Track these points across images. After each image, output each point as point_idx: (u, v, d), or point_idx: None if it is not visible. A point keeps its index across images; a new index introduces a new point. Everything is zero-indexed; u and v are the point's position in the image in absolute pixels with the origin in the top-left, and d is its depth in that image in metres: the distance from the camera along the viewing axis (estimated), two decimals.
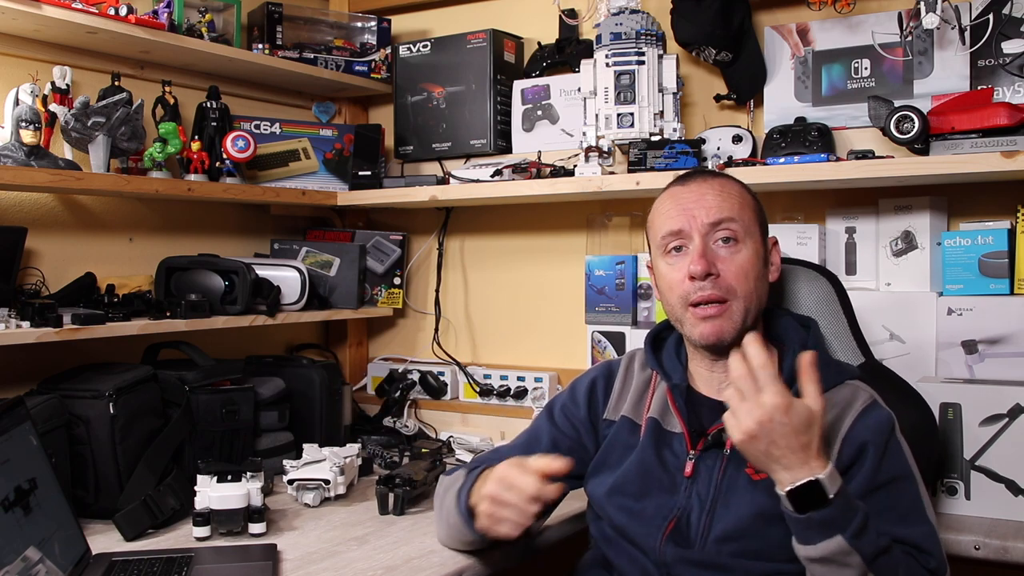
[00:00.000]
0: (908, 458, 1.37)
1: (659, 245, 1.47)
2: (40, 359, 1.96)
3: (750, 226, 1.44)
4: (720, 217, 1.41)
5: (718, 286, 1.39)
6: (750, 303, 1.42)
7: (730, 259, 1.41)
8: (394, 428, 2.47)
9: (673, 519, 1.41)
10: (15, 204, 2.03)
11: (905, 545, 1.31)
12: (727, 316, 1.40)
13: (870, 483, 1.33)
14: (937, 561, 1.31)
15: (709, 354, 1.47)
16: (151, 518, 1.71)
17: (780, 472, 1.24)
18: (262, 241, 2.59)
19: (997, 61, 1.89)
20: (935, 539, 1.33)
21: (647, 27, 2.08)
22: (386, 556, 1.59)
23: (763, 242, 1.47)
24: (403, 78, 2.58)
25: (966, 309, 1.84)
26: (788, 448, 1.22)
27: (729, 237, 1.41)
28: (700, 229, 1.41)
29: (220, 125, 2.34)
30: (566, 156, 2.30)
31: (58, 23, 1.90)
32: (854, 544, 1.22)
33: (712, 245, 1.41)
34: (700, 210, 1.42)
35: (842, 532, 1.22)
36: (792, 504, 1.23)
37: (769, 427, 1.22)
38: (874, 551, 1.23)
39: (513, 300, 2.59)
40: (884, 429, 1.36)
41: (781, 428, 1.22)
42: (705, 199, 1.43)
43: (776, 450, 1.22)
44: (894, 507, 1.33)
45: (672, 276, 1.44)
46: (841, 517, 1.22)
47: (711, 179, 1.48)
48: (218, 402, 1.99)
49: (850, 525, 1.22)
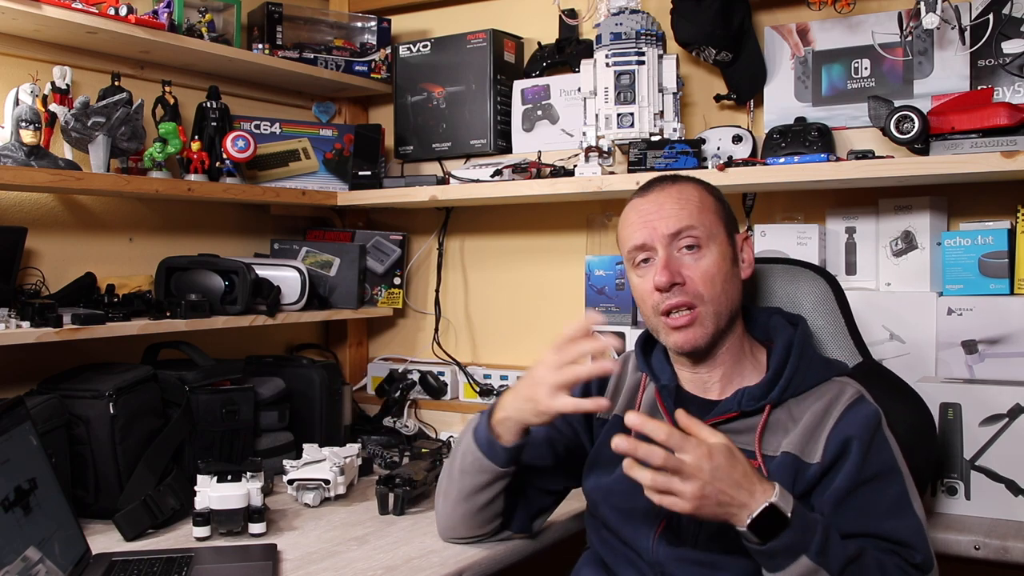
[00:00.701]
0: (895, 454, 1.37)
1: (627, 259, 1.49)
2: (40, 359, 1.96)
3: (712, 229, 1.44)
4: (680, 227, 1.42)
5: (685, 293, 1.41)
6: (720, 306, 1.42)
7: (695, 265, 1.42)
8: (394, 428, 2.46)
9: (664, 518, 1.41)
10: (15, 204, 2.03)
11: (888, 542, 1.31)
12: (698, 323, 1.41)
13: (855, 479, 1.33)
14: (923, 555, 1.31)
15: (688, 359, 1.48)
16: (151, 518, 1.71)
17: (736, 512, 1.23)
18: (262, 241, 2.59)
19: (997, 61, 1.89)
20: (921, 534, 1.32)
21: (647, 27, 2.08)
22: (386, 556, 1.59)
23: (730, 242, 1.47)
24: (403, 78, 2.58)
25: (966, 309, 1.84)
26: (731, 486, 1.22)
27: (692, 244, 1.42)
28: (662, 240, 1.42)
29: (220, 125, 2.34)
30: (566, 156, 2.30)
31: (58, 23, 1.90)
32: (819, 561, 1.22)
33: (676, 253, 1.43)
34: (660, 221, 1.43)
35: (806, 552, 1.22)
36: (756, 535, 1.23)
37: (707, 479, 1.22)
38: (841, 563, 1.24)
39: (513, 300, 2.59)
40: (870, 424, 1.36)
41: (716, 472, 1.22)
42: (664, 209, 1.44)
43: (724, 495, 1.22)
44: (879, 503, 1.33)
45: (643, 287, 1.45)
46: (801, 538, 1.23)
47: (668, 187, 1.48)
48: (218, 402, 1.99)
49: (812, 544, 1.23)
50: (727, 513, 1.24)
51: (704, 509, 1.23)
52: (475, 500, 1.54)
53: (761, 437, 1.39)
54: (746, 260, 1.50)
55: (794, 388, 1.42)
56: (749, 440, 1.39)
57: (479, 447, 1.48)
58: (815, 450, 1.36)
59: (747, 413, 1.41)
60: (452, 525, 1.60)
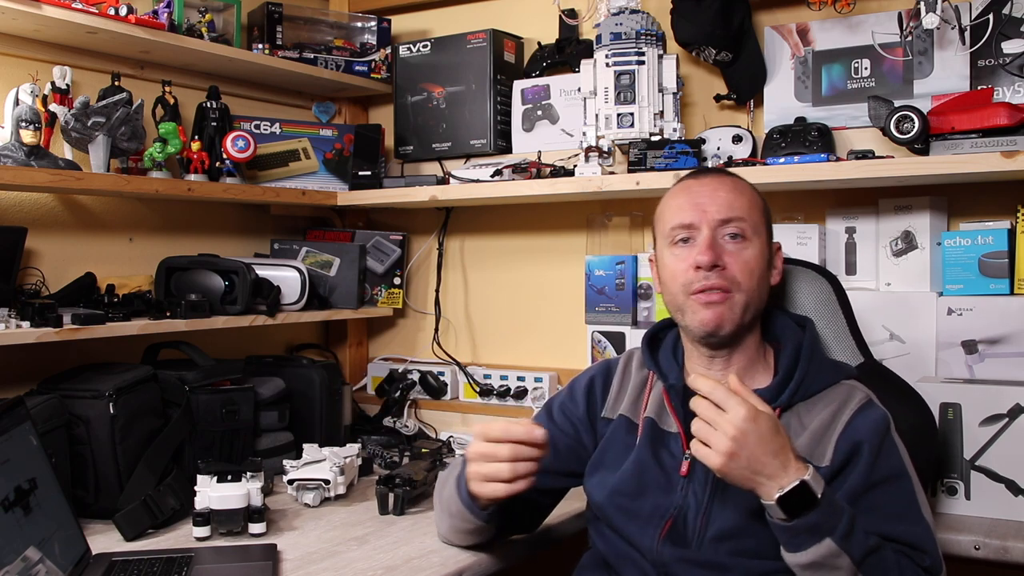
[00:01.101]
0: (903, 457, 1.37)
1: (667, 235, 1.47)
2: (40, 359, 1.96)
3: (758, 226, 1.45)
4: (731, 215, 1.43)
5: (723, 276, 1.40)
6: (751, 299, 1.42)
7: (737, 254, 1.42)
8: (394, 428, 2.47)
9: (670, 519, 1.41)
10: (15, 204, 2.03)
11: (900, 544, 1.31)
12: (728, 304, 1.41)
13: (865, 482, 1.33)
14: (932, 559, 1.31)
15: (707, 348, 1.47)
16: (151, 518, 1.71)
17: (765, 483, 1.23)
18: (262, 241, 2.59)
19: (997, 61, 1.89)
20: (931, 537, 1.33)
21: (647, 27, 2.08)
22: (386, 556, 1.59)
23: (768, 245, 1.48)
24: (403, 78, 2.58)
25: (966, 309, 1.84)
26: (768, 454, 1.22)
27: (737, 233, 1.42)
28: (710, 223, 1.42)
29: (220, 125, 2.34)
30: (566, 156, 2.30)
31: (58, 23, 1.90)
32: (843, 546, 1.22)
33: (720, 239, 1.43)
34: (712, 205, 1.43)
35: (831, 535, 1.22)
36: (784, 511, 1.23)
37: (743, 440, 1.22)
38: (863, 551, 1.23)
39: (513, 300, 2.59)
40: (879, 428, 1.36)
41: (755, 436, 1.22)
42: (718, 195, 1.44)
43: (756, 462, 1.22)
44: (889, 506, 1.33)
45: (676, 266, 1.45)
46: (828, 520, 1.23)
47: (725, 177, 1.49)
48: (218, 402, 1.99)
49: (838, 527, 1.23)
50: (755, 481, 1.24)
51: (733, 468, 1.23)
52: (467, 536, 1.56)
53: None
54: (777, 267, 1.51)
55: (803, 392, 1.42)
56: None
57: (462, 501, 1.48)
58: (824, 453, 1.36)
59: None
60: (448, 538, 1.62)
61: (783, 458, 1.23)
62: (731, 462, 1.23)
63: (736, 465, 1.23)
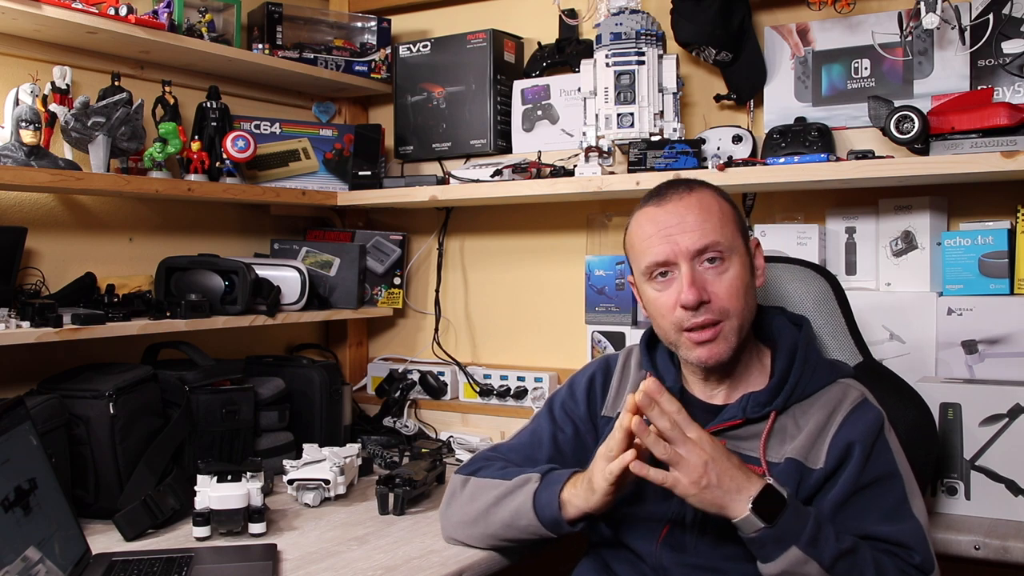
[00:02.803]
0: (896, 457, 1.37)
1: (643, 272, 1.43)
2: (40, 359, 1.96)
3: (734, 241, 1.40)
4: (705, 242, 1.37)
5: (711, 311, 1.37)
6: (743, 319, 1.40)
7: (719, 280, 1.37)
8: (394, 428, 2.47)
9: (667, 524, 1.41)
10: (15, 204, 2.03)
11: (888, 544, 1.31)
12: (722, 338, 1.38)
13: (855, 483, 1.33)
14: (923, 556, 1.30)
15: (702, 370, 1.46)
16: (151, 518, 1.71)
17: (735, 497, 1.25)
18: (262, 241, 2.59)
19: (997, 61, 1.89)
20: (921, 536, 1.32)
21: (647, 27, 2.08)
22: (386, 556, 1.59)
23: (747, 251, 1.43)
24: (403, 78, 2.58)
25: (966, 309, 1.84)
26: (732, 468, 1.26)
27: (715, 257, 1.38)
28: (686, 256, 1.37)
29: (220, 125, 2.34)
30: (566, 156, 2.30)
31: (58, 23, 1.90)
32: (809, 552, 1.23)
33: (699, 268, 1.38)
34: (683, 236, 1.37)
35: (796, 542, 1.23)
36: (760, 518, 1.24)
37: (710, 459, 1.25)
38: (833, 555, 1.24)
39: (513, 300, 2.59)
40: (872, 428, 1.36)
41: (717, 454, 1.26)
42: (686, 222, 1.38)
43: (726, 476, 1.25)
44: (878, 506, 1.33)
45: (662, 302, 1.40)
46: (793, 527, 1.24)
47: (686, 195, 1.41)
48: (218, 402, 1.99)
49: (803, 534, 1.24)
50: (726, 499, 1.25)
51: (705, 492, 1.25)
52: (512, 544, 1.53)
53: (766, 444, 1.38)
54: (759, 267, 1.46)
55: (799, 394, 1.41)
56: (754, 447, 1.38)
57: (541, 521, 1.43)
58: (819, 456, 1.36)
59: (752, 420, 1.40)
60: (468, 543, 1.59)
61: (743, 470, 1.27)
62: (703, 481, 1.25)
63: (707, 485, 1.25)
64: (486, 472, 1.56)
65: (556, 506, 1.41)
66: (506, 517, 1.48)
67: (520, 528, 1.47)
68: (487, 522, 1.52)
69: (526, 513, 1.45)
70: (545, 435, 1.59)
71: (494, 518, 1.50)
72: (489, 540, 1.54)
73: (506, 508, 1.48)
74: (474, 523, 1.55)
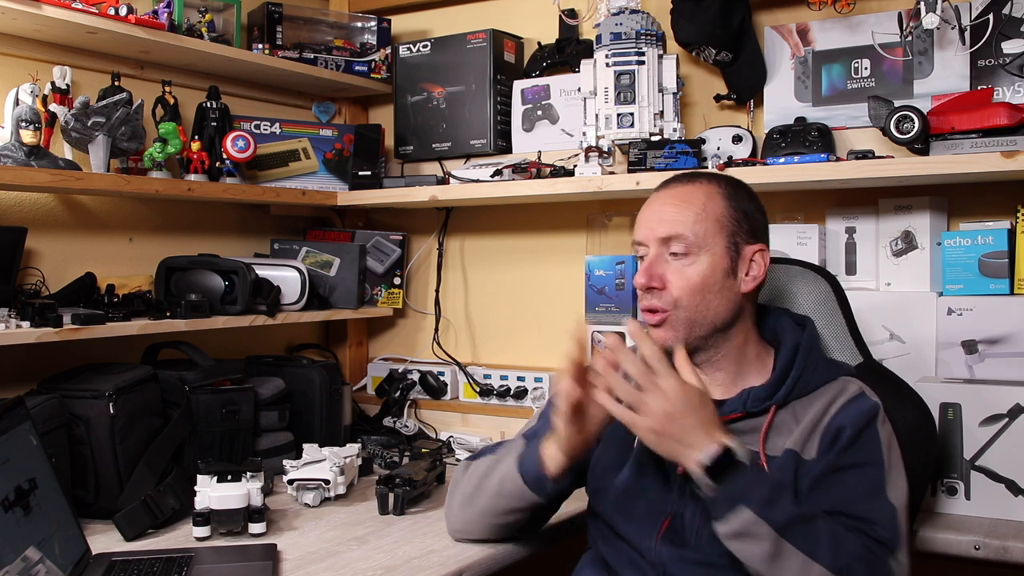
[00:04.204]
0: (884, 449, 1.36)
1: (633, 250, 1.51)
2: (40, 359, 1.96)
3: (708, 238, 1.41)
4: (669, 233, 1.42)
5: (661, 298, 1.42)
6: (697, 315, 1.41)
7: (679, 272, 1.42)
8: (394, 428, 2.47)
9: (667, 518, 1.41)
10: (15, 204, 2.03)
11: (853, 519, 1.30)
12: (668, 325, 1.42)
13: (833, 464, 1.34)
14: (889, 532, 1.30)
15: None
16: (151, 518, 1.71)
17: (692, 454, 1.27)
18: (262, 241, 2.59)
19: (997, 61, 1.89)
20: (891, 515, 1.31)
21: (647, 27, 2.08)
22: (386, 556, 1.59)
23: (729, 253, 1.43)
24: (403, 78, 2.58)
25: (966, 309, 1.84)
26: (695, 426, 1.28)
27: (678, 252, 1.42)
28: (654, 241, 1.44)
29: (220, 125, 2.34)
30: (566, 156, 2.30)
31: (58, 23, 1.90)
32: (762, 514, 1.24)
33: (667, 256, 1.44)
34: (656, 223, 1.45)
35: (747, 503, 1.24)
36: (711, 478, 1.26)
37: (674, 410, 1.27)
38: (787, 518, 1.24)
39: (513, 300, 2.59)
40: (863, 416, 1.37)
41: (685, 409, 1.27)
42: (663, 211, 1.45)
43: (686, 432, 1.27)
44: (852, 489, 1.33)
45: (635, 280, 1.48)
46: (747, 488, 1.25)
47: (682, 187, 1.47)
48: (218, 402, 1.99)
49: (755, 495, 1.24)
50: (682, 452, 1.28)
51: (662, 441, 1.29)
52: (506, 518, 1.55)
53: (766, 438, 1.39)
54: (751, 274, 1.45)
55: (800, 389, 1.42)
56: (753, 440, 1.39)
57: (525, 480, 1.48)
58: (813, 446, 1.37)
59: (752, 414, 1.41)
60: (469, 530, 1.61)
61: (709, 428, 1.28)
62: (661, 430, 1.28)
63: (664, 434, 1.28)
64: (483, 455, 1.62)
65: (537, 462, 1.47)
66: (495, 485, 1.53)
67: (508, 494, 1.51)
68: (480, 494, 1.56)
69: (512, 475, 1.50)
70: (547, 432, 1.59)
71: (486, 489, 1.55)
72: (486, 519, 1.57)
73: (495, 476, 1.53)
74: (470, 502, 1.58)
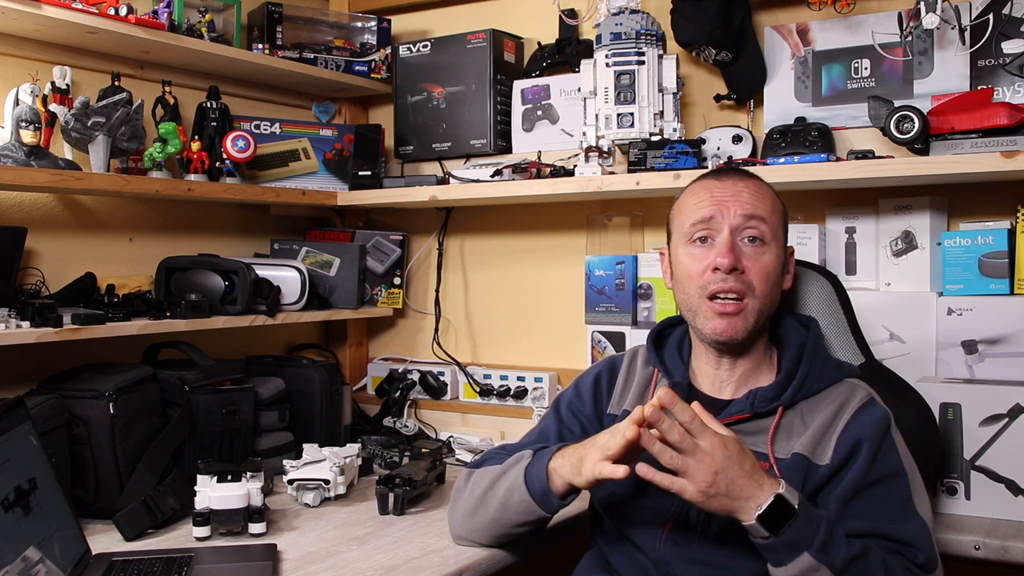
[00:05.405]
0: (902, 456, 1.38)
1: (685, 233, 1.46)
2: (40, 359, 1.96)
3: (777, 230, 1.45)
4: (753, 212, 1.42)
5: (741, 281, 1.40)
6: (765, 305, 1.42)
7: (755, 258, 1.41)
8: (394, 428, 2.46)
9: (672, 518, 1.41)
10: (15, 204, 2.03)
11: (892, 542, 1.31)
12: (743, 315, 1.40)
13: (862, 481, 1.34)
14: (927, 556, 1.31)
15: (716, 351, 1.47)
16: (151, 518, 1.71)
17: (744, 505, 1.25)
18: (262, 241, 2.59)
19: (997, 61, 1.89)
20: (926, 535, 1.33)
21: (647, 27, 2.08)
22: (386, 556, 1.59)
23: (784, 250, 1.48)
24: (403, 78, 2.58)
25: (966, 309, 1.84)
26: (743, 476, 1.24)
27: (756, 237, 1.42)
28: (731, 221, 1.41)
29: (220, 125, 2.33)
30: (566, 156, 2.30)
31: (58, 23, 1.90)
32: (821, 559, 1.23)
33: (739, 242, 1.42)
34: (734, 203, 1.42)
35: (808, 549, 1.24)
36: (766, 527, 1.24)
37: (721, 468, 1.23)
38: (845, 560, 1.24)
39: (513, 300, 2.59)
40: (879, 427, 1.37)
41: (728, 463, 1.24)
42: (741, 195, 1.43)
43: (735, 487, 1.24)
44: (884, 505, 1.33)
45: (693, 266, 1.43)
46: (805, 534, 1.24)
47: (747, 178, 1.48)
48: (218, 402, 1.99)
49: (815, 540, 1.24)
50: (735, 506, 1.24)
51: (713, 500, 1.24)
52: (513, 531, 1.53)
53: (773, 439, 1.39)
54: (790, 272, 1.51)
55: (806, 390, 1.42)
56: (761, 442, 1.39)
57: (531, 494, 1.45)
58: (825, 452, 1.36)
59: (759, 415, 1.41)
60: (472, 538, 1.59)
61: (756, 477, 1.25)
62: (711, 490, 1.24)
63: (716, 493, 1.24)
64: (488, 464, 1.58)
65: (544, 476, 1.43)
66: (501, 497, 1.49)
67: (513, 507, 1.48)
68: (485, 507, 1.53)
69: (518, 488, 1.46)
70: (552, 434, 1.59)
71: (491, 501, 1.51)
72: (490, 529, 1.54)
73: (501, 488, 1.50)
74: (475, 512, 1.55)
